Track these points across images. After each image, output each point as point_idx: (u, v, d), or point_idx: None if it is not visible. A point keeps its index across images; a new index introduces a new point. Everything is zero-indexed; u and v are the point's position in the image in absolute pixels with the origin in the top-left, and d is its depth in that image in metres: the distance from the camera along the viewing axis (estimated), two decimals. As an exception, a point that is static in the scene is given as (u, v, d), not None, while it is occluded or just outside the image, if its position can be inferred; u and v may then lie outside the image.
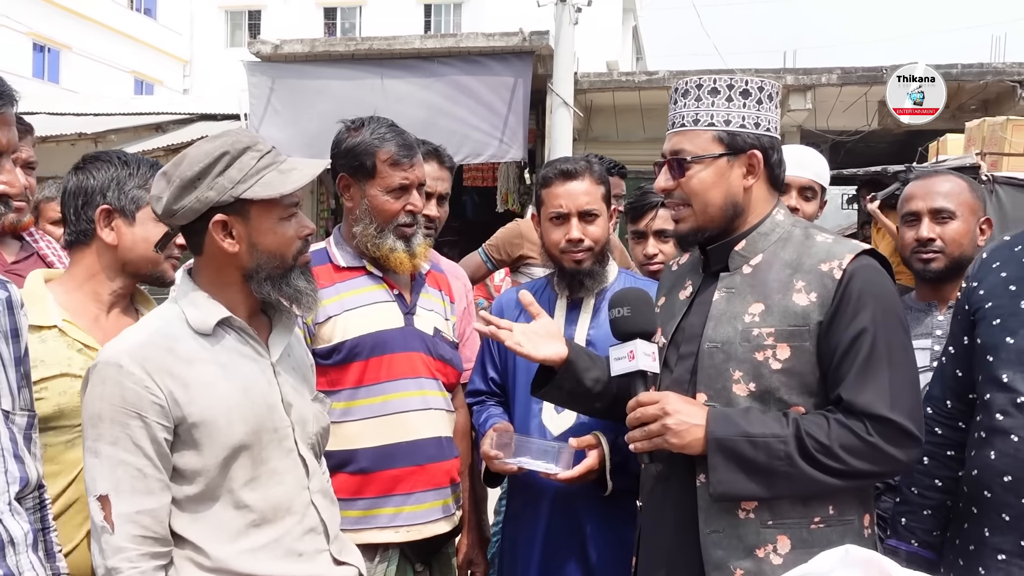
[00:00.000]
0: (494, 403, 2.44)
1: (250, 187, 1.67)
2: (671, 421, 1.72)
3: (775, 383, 1.73)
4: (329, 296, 2.24)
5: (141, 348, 1.65)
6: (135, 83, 25.55)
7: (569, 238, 2.29)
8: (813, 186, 2.70)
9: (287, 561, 1.73)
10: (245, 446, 1.70)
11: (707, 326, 1.81)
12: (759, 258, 1.83)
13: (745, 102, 1.81)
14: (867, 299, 1.72)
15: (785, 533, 1.72)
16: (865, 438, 1.66)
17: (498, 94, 11.15)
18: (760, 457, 1.67)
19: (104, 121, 13.00)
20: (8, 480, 1.50)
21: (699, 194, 1.83)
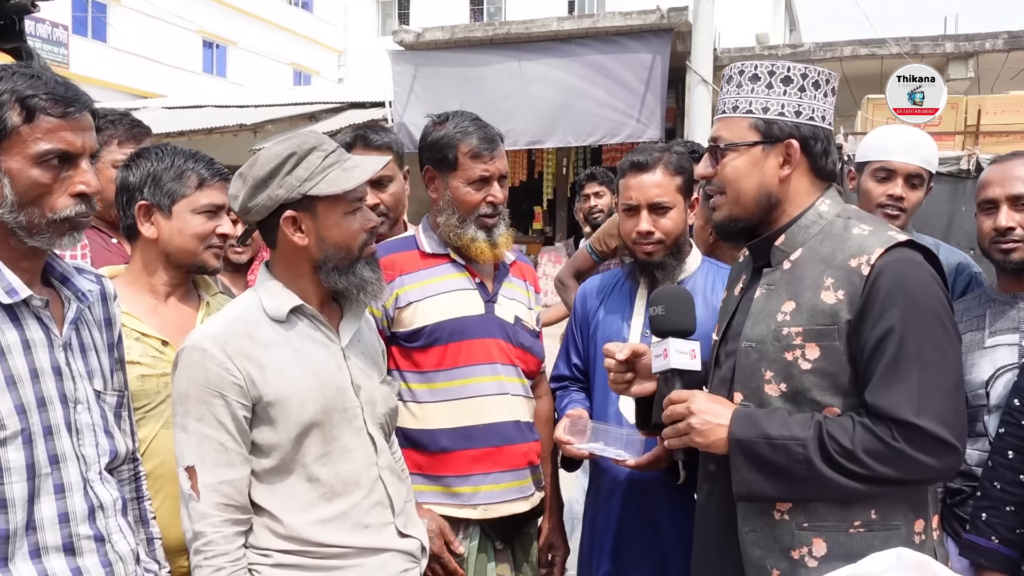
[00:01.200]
0: (576, 389, 2.48)
1: (316, 184, 1.78)
2: (695, 420, 1.72)
3: (806, 383, 1.68)
4: (414, 282, 2.34)
5: (222, 334, 1.80)
6: (294, 74, 26.94)
7: (638, 230, 2.30)
8: (921, 173, 2.54)
9: (354, 532, 1.84)
10: (316, 424, 1.82)
11: (746, 324, 1.78)
12: (798, 253, 1.76)
13: (786, 89, 1.74)
14: (896, 297, 1.62)
15: (821, 536, 1.67)
16: (890, 443, 1.59)
17: (635, 73, 11.03)
18: (779, 459, 1.64)
19: (263, 112, 13.79)
20: (99, 452, 1.66)
21: (732, 182, 1.79)
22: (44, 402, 1.56)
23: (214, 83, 22.86)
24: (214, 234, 2.15)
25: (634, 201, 2.31)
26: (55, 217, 1.53)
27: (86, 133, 1.56)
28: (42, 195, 1.52)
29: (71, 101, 1.53)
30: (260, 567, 1.79)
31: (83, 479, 1.61)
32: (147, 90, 19.34)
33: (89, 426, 1.64)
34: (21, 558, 1.53)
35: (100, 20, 21.03)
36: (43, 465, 1.54)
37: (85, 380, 1.66)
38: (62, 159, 1.53)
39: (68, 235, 1.57)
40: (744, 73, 1.78)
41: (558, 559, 2.53)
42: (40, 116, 1.50)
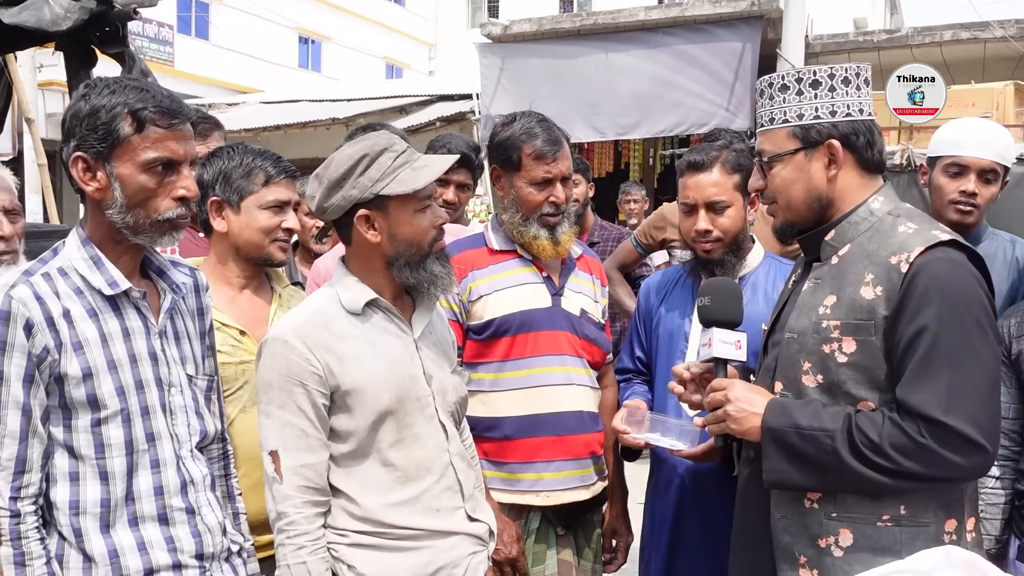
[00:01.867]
0: (639, 381, 2.54)
1: (387, 184, 1.88)
2: (732, 408, 1.80)
3: (842, 376, 1.72)
4: (483, 276, 2.44)
5: (303, 326, 1.92)
6: (386, 68, 27.43)
7: (696, 229, 2.36)
8: (995, 168, 2.49)
9: (426, 515, 1.95)
10: (390, 412, 1.92)
11: (791, 316, 1.83)
12: (847, 248, 1.80)
13: (816, 92, 1.79)
14: (933, 295, 1.65)
15: (848, 527, 1.71)
16: (917, 439, 1.62)
17: (724, 62, 10.86)
18: (808, 449, 1.69)
19: (355, 106, 14.13)
20: (190, 432, 1.83)
21: (782, 191, 1.85)
22: (142, 385, 1.72)
23: (309, 78, 23.48)
24: (280, 228, 2.28)
25: (691, 200, 2.38)
26: (159, 218, 1.69)
27: (188, 142, 1.71)
28: (148, 198, 1.68)
29: (175, 113, 1.68)
30: (337, 546, 1.91)
31: (176, 456, 1.77)
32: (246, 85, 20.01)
33: (182, 407, 1.80)
34: (121, 526, 1.70)
35: (203, 19, 21.89)
36: (140, 442, 1.71)
37: (178, 365, 1.82)
38: (166, 166, 1.68)
39: (168, 234, 1.73)
40: (773, 85, 1.83)
41: (621, 546, 2.60)
42: (149, 127, 1.66)
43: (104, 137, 1.65)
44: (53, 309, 1.65)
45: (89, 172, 1.68)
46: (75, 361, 1.65)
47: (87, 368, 1.66)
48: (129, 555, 1.69)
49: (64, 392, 1.65)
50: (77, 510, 1.67)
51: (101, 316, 1.70)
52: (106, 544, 1.68)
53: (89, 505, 1.68)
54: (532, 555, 2.42)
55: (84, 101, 1.66)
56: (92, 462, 1.67)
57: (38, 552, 1.63)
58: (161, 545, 1.73)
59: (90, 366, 1.66)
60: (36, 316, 1.62)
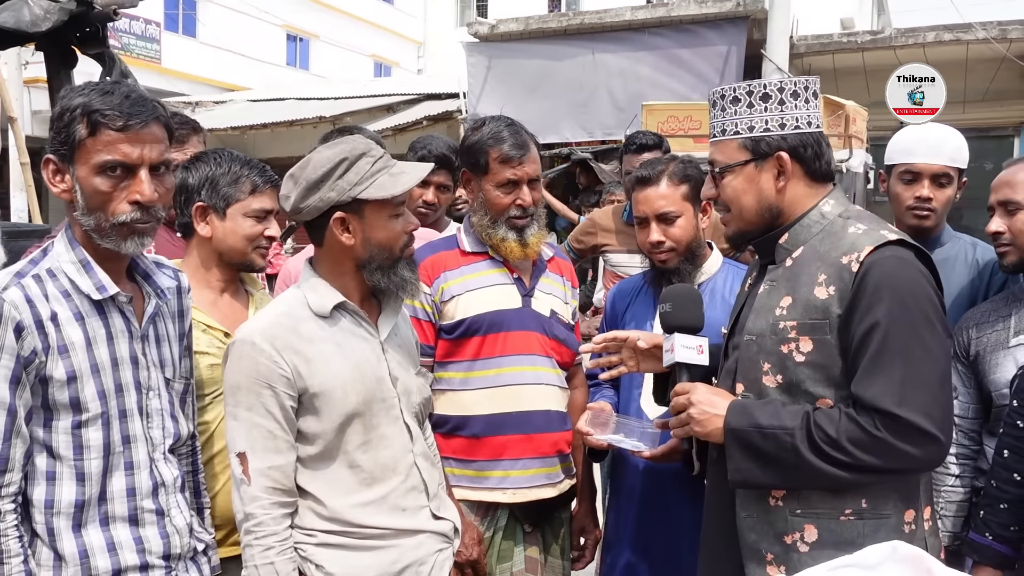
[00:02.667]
0: (607, 386, 2.60)
1: (366, 189, 1.91)
2: (694, 411, 1.84)
3: (800, 375, 1.76)
4: (455, 277, 2.47)
5: (270, 328, 1.94)
6: (375, 66, 27.39)
7: (650, 241, 2.44)
8: (948, 171, 2.53)
9: (392, 515, 1.98)
10: (357, 414, 1.95)
11: (748, 318, 1.87)
12: (800, 251, 1.84)
13: (766, 106, 1.83)
14: (883, 293, 1.69)
15: (812, 523, 1.75)
16: (872, 433, 1.66)
17: (711, 63, 10.91)
18: (769, 447, 1.73)
19: (342, 104, 14.12)
20: (164, 435, 1.85)
21: (733, 201, 1.90)
22: (122, 388, 1.75)
23: (297, 76, 23.46)
24: (262, 236, 2.32)
25: (643, 213, 2.46)
26: (115, 221, 1.68)
27: (146, 146, 1.69)
28: (105, 201, 1.68)
29: (132, 115, 1.66)
30: (305, 546, 1.94)
31: (149, 458, 1.79)
32: (233, 83, 19.98)
33: (158, 411, 1.83)
34: (92, 526, 1.72)
35: (190, 17, 21.83)
36: (117, 444, 1.73)
37: (157, 369, 1.84)
38: (123, 169, 1.67)
39: (131, 239, 1.71)
40: (725, 97, 1.87)
41: (590, 543, 2.64)
42: (102, 130, 1.65)
43: (65, 140, 1.66)
44: (42, 312, 1.65)
45: (57, 174, 1.70)
46: (60, 364, 1.66)
47: (71, 371, 1.67)
48: (99, 555, 1.71)
49: (47, 394, 1.66)
50: (52, 509, 1.68)
51: (87, 320, 1.70)
52: (76, 544, 1.70)
53: (64, 505, 1.69)
54: (499, 552, 2.45)
55: (59, 103, 1.69)
56: (70, 463, 1.69)
57: (16, 550, 1.64)
58: (130, 546, 1.74)
59: (75, 369, 1.67)
60: (26, 319, 1.63)
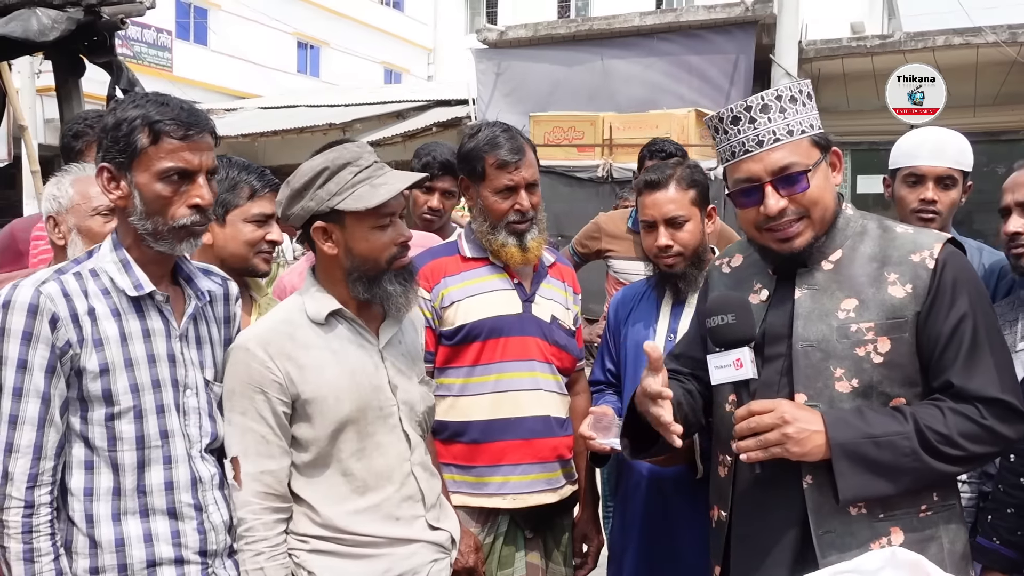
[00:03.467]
0: (611, 392, 2.60)
1: (344, 199, 1.90)
2: (791, 430, 1.68)
3: (877, 377, 1.74)
4: (455, 283, 2.47)
5: (266, 334, 1.94)
6: (385, 73, 27.47)
7: (658, 245, 2.42)
8: (952, 174, 2.53)
9: (385, 523, 1.97)
10: (351, 421, 1.94)
11: (796, 325, 1.79)
12: (839, 254, 1.82)
13: (809, 104, 1.82)
14: (962, 286, 1.74)
15: (897, 524, 1.74)
16: (981, 422, 1.67)
17: (720, 69, 10.89)
18: (885, 456, 1.68)
19: (352, 111, 14.18)
20: (201, 433, 1.87)
21: (819, 202, 1.79)
22: (158, 384, 1.80)
23: (308, 83, 23.56)
24: (264, 240, 2.34)
25: (651, 217, 2.44)
26: (175, 224, 1.77)
27: (203, 153, 1.80)
28: (164, 206, 1.77)
29: (191, 125, 1.77)
30: (298, 552, 1.94)
31: (187, 454, 1.83)
32: (244, 91, 20.10)
33: (195, 409, 1.87)
34: (131, 515, 1.78)
35: (201, 25, 21.97)
36: (153, 438, 1.79)
37: (197, 368, 1.88)
38: (181, 175, 1.77)
39: (186, 241, 1.81)
40: (782, 98, 1.79)
41: (592, 550, 2.63)
42: (164, 139, 1.74)
43: (124, 148, 1.74)
44: (79, 306, 1.73)
45: (113, 181, 1.77)
46: (94, 356, 1.72)
47: (104, 364, 1.73)
48: (135, 545, 1.76)
49: (82, 385, 1.72)
50: (91, 497, 1.75)
51: (124, 316, 1.77)
52: (114, 532, 1.75)
53: (102, 492, 1.75)
54: (500, 558, 2.44)
55: (112, 115, 1.77)
56: (105, 453, 1.75)
57: (47, 549, 1.69)
58: (167, 539, 1.78)
59: (107, 362, 1.73)
60: (62, 311, 1.71)
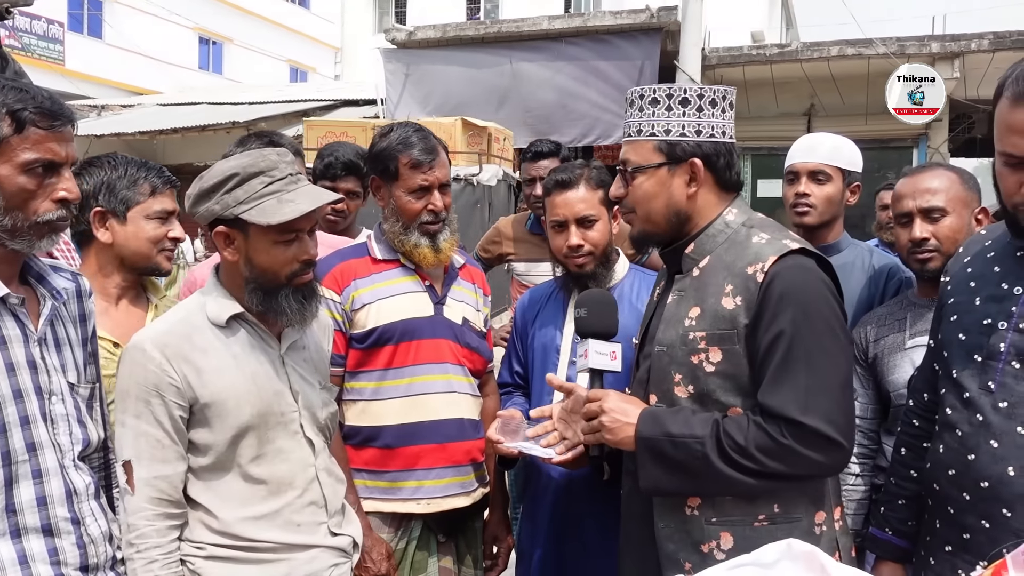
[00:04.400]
0: (519, 394, 2.60)
1: (248, 210, 1.84)
2: (606, 419, 1.83)
3: (711, 385, 1.78)
4: (366, 285, 2.43)
5: (163, 336, 1.87)
6: (291, 71, 26.97)
7: (569, 244, 2.41)
8: (824, 169, 2.64)
9: (285, 530, 1.92)
10: (251, 427, 1.89)
11: (659, 328, 1.87)
12: (706, 260, 1.85)
13: (684, 111, 1.83)
14: (787, 302, 1.72)
15: (728, 530, 1.77)
16: (779, 440, 1.69)
17: (626, 73, 11.06)
18: (680, 456, 1.74)
19: (257, 109, 13.86)
20: (72, 441, 1.76)
21: (642, 203, 1.88)
22: (20, 394, 1.66)
23: (210, 80, 22.92)
24: (166, 238, 2.26)
25: (562, 217, 2.44)
26: (37, 220, 1.65)
27: (68, 144, 1.69)
28: (27, 200, 1.64)
29: (57, 115, 1.66)
30: (194, 559, 1.88)
31: (59, 465, 1.71)
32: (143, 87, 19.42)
33: (63, 416, 1.74)
34: (3, 538, 1.63)
35: (96, 17, 21.09)
36: (19, 452, 1.65)
37: (59, 373, 1.76)
38: (46, 168, 1.65)
39: (47, 237, 1.69)
40: (644, 97, 1.86)
41: (502, 551, 2.63)
42: (29, 128, 1.62)
43: None
44: None
45: None
46: None
47: None
48: (10, 570, 1.63)
49: None
50: None
51: None
52: None
53: None
54: (413, 563, 2.41)
55: None
56: None
57: None
58: (44, 558, 1.65)
59: None
60: None
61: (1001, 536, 1.62)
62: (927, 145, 10.64)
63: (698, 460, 1.72)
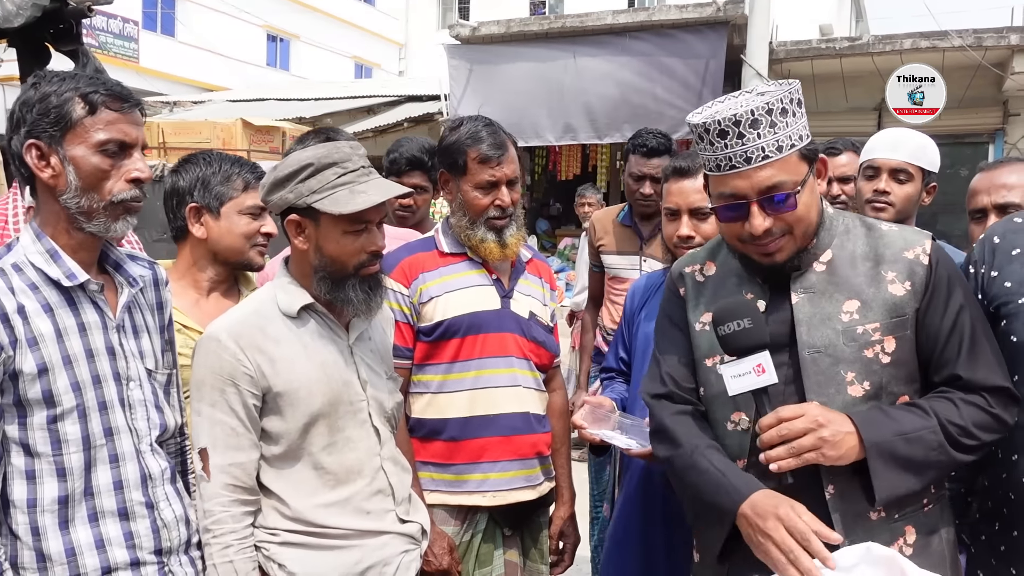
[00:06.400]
0: (620, 380, 2.58)
1: (321, 199, 1.88)
2: (827, 433, 1.64)
3: (886, 377, 1.74)
4: (433, 279, 2.45)
5: (237, 326, 1.92)
6: (355, 67, 27.31)
7: (679, 235, 2.35)
8: (907, 168, 2.61)
9: (355, 517, 1.96)
10: (322, 415, 1.93)
11: (799, 332, 1.75)
12: (828, 254, 1.80)
13: (801, 111, 1.74)
14: (955, 280, 1.77)
15: (910, 523, 1.76)
16: (990, 411, 1.71)
17: (692, 68, 10.92)
18: (917, 452, 1.68)
19: (322, 105, 14.06)
20: (149, 426, 1.81)
21: (804, 219, 1.74)
22: (99, 380, 1.71)
23: (278, 76, 23.34)
24: (259, 233, 2.32)
25: (675, 205, 2.37)
26: (112, 200, 1.70)
27: (139, 127, 1.74)
28: (101, 180, 1.69)
29: (126, 98, 1.71)
30: (268, 544, 1.92)
31: (136, 450, 1.76)
32: (212, 83, 19.85)
33: (141, 402, 1.79)
34: (80, 522, 1.68)
35: (169, 16, 21.68)
36: (98, 437, 1.70)
37: (137, 359, 1.81)
38: (119, 148, 1.70)
39: (122, 219, 1.73)
40: (773, 111, 1.69)
41: (568, 547, 2.62)
42: (101, 109, 1.68)
43: (56, 121, 1.66)
44: (7, 305, 1.63)
45: (43, 159, 1.67)
46: (30, 357, 1.63)
47: (42, 364, 1.64)
48: (87, 553, 1.67)
49: (19, 389, 1.63)
50: (35, 508, 1.65)
51: (56, 311, 1.68)
52: (63, 543, 1.66)
53: (47, 503, 1.65)
54: (479, 556, 2.43)
55: (34, 89, 1.68)
56: (49, 459, 1.65)
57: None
58: (120, 542, 1.71)
59: (45, 362, 1.64)
60: None
61: None
62: (1004, 140, 10.28)
63: (935, 451, 1.69)
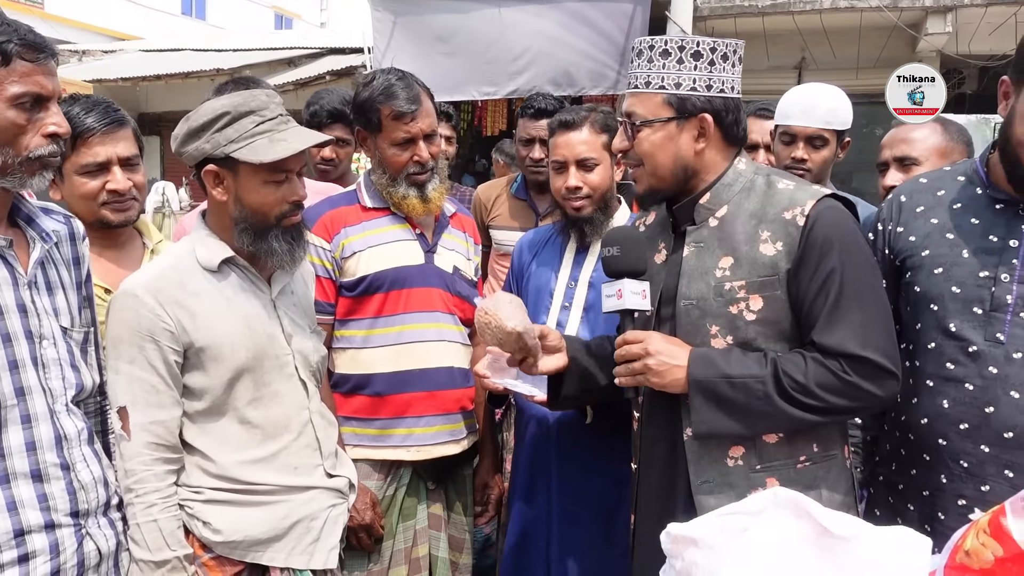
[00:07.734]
0: None
1: (239, 149, 1.83)
2: (652, 361, 1.77)
3: (751, 334, 1.77)
4: (356, 233, 2.42)
5: (155, 281, 1.87)
6: (276, 18, 26.48)
7: (567, 186, 2.39)
8: (822, 134, 2.65)
9: (283, 473, 1.95)
10: (247, 369, 1.90)
11: (680, 283, 1.83)
12: (724, 210, 1.84)
13: (696, 64, 1.79)
14: (832, 242, 1.73)
15: (773, 475, 1.77)
16: (842, 376, 1.70)
17: (616, 22, 10.87)
18: (739, 397, 1.72)
19: (241, 56, 13.62)
20: (65, 386, 1.75)
21: (649, 156, 1.84)
22: (9, 338, 1.64)
23: (193, 26, 22.49)
24: (103, 191, 2.17)
25: (562, 158, 2.41)
26: (29, 155, 1.61)
27: (54, 78, 1.64)
28: (17, 135, 1.60)
29: (42, 47, 1.61)
30: (192, 503, 1.89)
31: (50, 410, 1.69)
32: (124, 32, 19.02)
33: (55, 360, 1.73)
34: None
35: (76, -41, 20.61)
36: (8, 397, 1.63)
37: (51, 317, 1.74)
38: (35, 101, 1.61)
39: (38, 174, 1.65)
40: (655, 48, 1.80)
41: (492, 498, 2.65)
42: (15, 60, 1.58)
43: None
44: None
45: None
46: None
47: None
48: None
49: None
50: None
51: None
52: None
53: None
54: (402, 509, 2.44)
55: None
56: None
57: None
58: (33, 504, 1.64)
59: None
60: None
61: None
62: (917, 100, 10.60)
63: (759, 400, 1.72)
